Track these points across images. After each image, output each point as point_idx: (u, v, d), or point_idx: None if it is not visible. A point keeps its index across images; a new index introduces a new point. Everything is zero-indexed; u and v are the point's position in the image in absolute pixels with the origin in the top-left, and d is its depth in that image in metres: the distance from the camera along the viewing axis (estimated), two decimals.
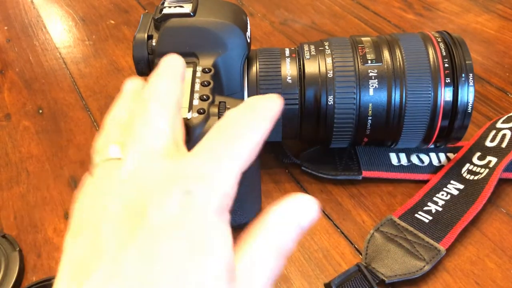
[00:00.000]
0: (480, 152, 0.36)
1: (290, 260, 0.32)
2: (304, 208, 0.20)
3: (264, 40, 0.53)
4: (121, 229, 0.17)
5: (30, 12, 0.62)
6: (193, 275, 0.16)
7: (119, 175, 0.19)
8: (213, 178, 0.18)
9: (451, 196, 0.33)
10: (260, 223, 0.19)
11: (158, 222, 0.16)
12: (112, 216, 0.17)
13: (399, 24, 0.53)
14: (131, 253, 0.16)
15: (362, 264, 0.30)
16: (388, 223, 0.32)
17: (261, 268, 0.18)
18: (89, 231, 0.18)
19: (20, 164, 0.41)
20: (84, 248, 0.17)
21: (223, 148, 0.19)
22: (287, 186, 0.36)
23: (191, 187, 0.17)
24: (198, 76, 0.28)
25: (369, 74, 0.31)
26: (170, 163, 0.18)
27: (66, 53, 0.54)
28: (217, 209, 0.17)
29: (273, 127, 0.27)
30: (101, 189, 0.19)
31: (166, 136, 0.20)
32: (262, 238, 0.19)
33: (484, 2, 0.56)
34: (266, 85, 0.32)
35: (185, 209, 0.17)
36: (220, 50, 0.30)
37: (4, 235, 0.34)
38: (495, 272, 0.30)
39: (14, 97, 0.48)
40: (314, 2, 0.59)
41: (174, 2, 0.31)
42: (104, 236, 0.17)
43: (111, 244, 0.17)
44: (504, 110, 0.41)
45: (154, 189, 0.17)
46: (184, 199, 0.17)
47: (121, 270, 0.16)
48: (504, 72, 0.46)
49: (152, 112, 0.20)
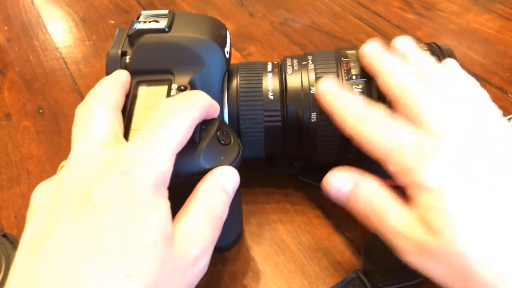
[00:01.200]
0: None
1: (290, 260, 0.32)
2: (226, 175, 0.24)
3: (264, 40, 0.53)
4: (69, 208, 0.20)
5: (30, 12, 0.62)
6: (132, 242, 0.19)
7: (67, 166, 0.22)
8: (148, 159, 0.21)
9: None
10: (192, 194, 0.23)
11: (100, 199, 0.20)
12: (62, 198, 0.20)
13: (399, 24, 0.53)
14: (77, 227, 0.19)
15: (360, 271, 0.30)
16: None
17: (196, 232, 0.22)
18: (42, 213, 0.21)
19: (21, 164, 0.41)
20: (38, 226, 0.20)
21: (156, 134, 0.22)
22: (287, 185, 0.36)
23: (128, 167, 0.20)
24: (173, 95, 0.27)
25: (353, 90, 0.30)
26: (109, 151, 0.22)
27: (66, 53, 0.54)
28: (153, 185, 0.20)
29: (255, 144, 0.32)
30: (53, 180, 0.23)
31: (104, 130, 0.23)
32: (193, 206, 0.22)
33: (484, 2, 0.56)
34: (246, 101, 0.31)
35: (123, 186, 0.20)
36: (196, 67, 0.28)
37: (4, 234, 0.34)
38: None
39: (14, 97, 0.48)
40: (314, 2, 0.59)
41: (149, 16, 0.30)
42: (55, 215, 0.20)
43: (60, 220, 0.20)
44: (504, 110, 0.41)
45: (96, 173, 0.21)
46: (122, 178, 0.20)
47: (69, 241, 0.19)
48: (504, 72, 0.46)
49: (91, 110, 0.24)
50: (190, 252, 0.21)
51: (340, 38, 0.52)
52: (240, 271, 0.31)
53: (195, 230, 0.22)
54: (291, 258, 0.32)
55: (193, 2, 0.61)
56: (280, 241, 0.33)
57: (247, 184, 0.36)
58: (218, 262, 0.32)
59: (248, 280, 0.31)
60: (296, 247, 0.32)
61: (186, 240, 0.21)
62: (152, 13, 0.30)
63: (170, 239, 0.20)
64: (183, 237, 0.21)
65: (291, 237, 0.33)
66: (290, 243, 0.33)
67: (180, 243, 0.21)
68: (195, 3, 0.61)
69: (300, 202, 0.35)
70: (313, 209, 0.35)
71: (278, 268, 0.31)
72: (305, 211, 0.35)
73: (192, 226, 0.22)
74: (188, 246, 0.21)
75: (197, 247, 0.21)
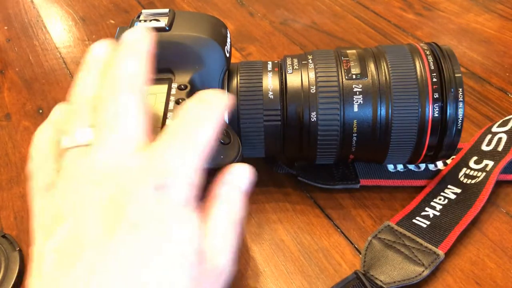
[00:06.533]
0: (476, 156, 0.36)
1: (289, 260, 0.32)
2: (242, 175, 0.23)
3: (264, 40, 0.53)
4: (103, 222, 0.18)
5: (30, 12, 0.62)
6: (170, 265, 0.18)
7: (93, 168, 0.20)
8: (181, 171, 0.20)
9: (449, 200, 0.33)
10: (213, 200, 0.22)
11: (135, 217, 0.18)
12: (93, 207, 0.19)
13: (399, 24, 0.53)
14: (114, 245, 0.18)
15: (360, 272, 0.30)
16: (386, 230, 0.32)
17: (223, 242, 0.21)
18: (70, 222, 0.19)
19: (20, 164, 0.41)
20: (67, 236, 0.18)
21: (188, 142, 0.20)
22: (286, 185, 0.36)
23: (162, 182, 0.19)
24: (173, 94, 0.27)
25: (353, 90, 0.30)
26: (141, 157, 0.20)
27: (66, 53, 0.54)
28: (185, 200, 0.19)
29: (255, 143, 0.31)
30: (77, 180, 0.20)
31: (137, 126, 0.21)
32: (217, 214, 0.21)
33: (484, 2, 0.56)
34: (246, 101, 0.31)
35: (158, 203, 0.19)
36: (197, 65, 0.29)
37: (4, 235, 0.34)
38: (495, 272, 0.30)
39: (14, 97, 0.48)
40: (314, 2, 0.59)
41: (150, 15, 0.30)
42: (87, 227, 0.18)
43: (94, 235, 0.18)
44: (504, 110, 0.41)
45: (129, 184, 0.19)
46: (156, 194, 0.19)
47: (105, 260, 0.17)
48: (504, 72, 0.46)
49: (122, 100, 0.21)
50: (219, 263, 0.20)
51: (340, 38, 0.52)
52: (240, 272, 0.31)
53: (222, 241, 0.21)
54: (291, 259, 0.32)
55: (193, 2, 0.61)
56: (280, 241, 0.33)
57: None
58: None
59: (248, 281, 0.31)
60: (296, 247, 0.32)
61: (214, 253, 0.20)
62: (153, 12, 0.30)
63: (202, 254, 0.19)
64: (212, 250, 0.20)
65: (291, 237, 0.33)
66: (290, 243, 0.33)
67: (210, 257, 0.20)
68: (195, 3, 0.61)
69: (300, 202, 0.35)
70: (313, 209, 0.35)
71: (278, 268, 0.31)
72: (305, 211, 0.35)
73: (219, 237, 0.21)
74: (217, 258, 0.20)
75: (225, 257, 0.21)
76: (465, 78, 0.45)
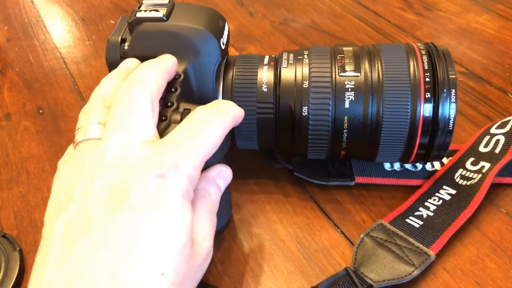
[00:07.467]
0: (473, 158, 0.36)
1: (289, 260, 0.32)
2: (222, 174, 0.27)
3: (264, 40, 0.53)
4: (107, 205, 0.21)
5: (30, 12, 0.62)
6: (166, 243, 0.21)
7: (102, 156, 0.22)
8: (183, 166, 0.22)
9: (443, 201, 0.33)
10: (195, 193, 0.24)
11: (137, 201, 0.21)
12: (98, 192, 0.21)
13: (399, 24, 0.53)
14: (115, 224, 0.20)
15: (350, 269, 0.30)
16: (379, 228, 0.32)
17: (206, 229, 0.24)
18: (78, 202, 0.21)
19: (20, 164, 0.41)
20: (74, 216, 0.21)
21: (194, 143, 0.23)
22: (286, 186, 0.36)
23: (165, 172, 0.21)
24: None
25: (345, 86, 0.30)
26: (147, 149, 0.22)
27: (66, 53, 0.54)
28: (184, 191, 0.22)
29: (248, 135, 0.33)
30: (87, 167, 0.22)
31: (147, 123, 0.23)
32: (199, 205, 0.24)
33: (484, 2, 0.56)
34: (241, 93, 0.31)
35: (159, 190, 0.21)
36: (191, 55, 0.29)
37: (4, 235, 0.34)
38: (495, 272, 0.30)
39: (14, 97, 0.48)
40: (314, 2, 0.59)
41: (150, 6, 0.31)
42: (91, 208, 0.21)
43: (97, 216, 0.20)
44: (504, 110, 0.41)
45: (133, 173, 0.21)
46: (158, 181, 0.21)
47: (108, 238, 0.20)
48: (504, 72, 0.46)
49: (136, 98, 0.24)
50: (204, 248, 0.23)
51: (340, 38, 0.52)
52: (240, 272, 0.31)
53: (205, 228, 0.24)
54: (290, 259, 0.32)
55: (193, 2, 0.61)
56: (280, 241, 0.33)
57: (247, 184, 0.37)
58: (218, 263, 0.32)
59: (248, 281, 0.31)
60: (296, 247, 0.32)
61: (199, 238, 0.23)
62: (153, 3, 0.31)
63: (192, 238, 0.22)
64: (199, 235, 0.23)
65: (291, 237, 0.33)
66: (290, 243, 0.33)
67: (197, 241, 0.23)
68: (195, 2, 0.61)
69: (300, 202, 0.35)
70: (313, 209, 0.35)
71: (277, 268, 0.31)
72: (305, 211, 0.35)
73: (202, 225, 0.24)
74: (202, 243, 0.23)
75: (208, 243, 0.24)
76: (465, 78, 0.45)
